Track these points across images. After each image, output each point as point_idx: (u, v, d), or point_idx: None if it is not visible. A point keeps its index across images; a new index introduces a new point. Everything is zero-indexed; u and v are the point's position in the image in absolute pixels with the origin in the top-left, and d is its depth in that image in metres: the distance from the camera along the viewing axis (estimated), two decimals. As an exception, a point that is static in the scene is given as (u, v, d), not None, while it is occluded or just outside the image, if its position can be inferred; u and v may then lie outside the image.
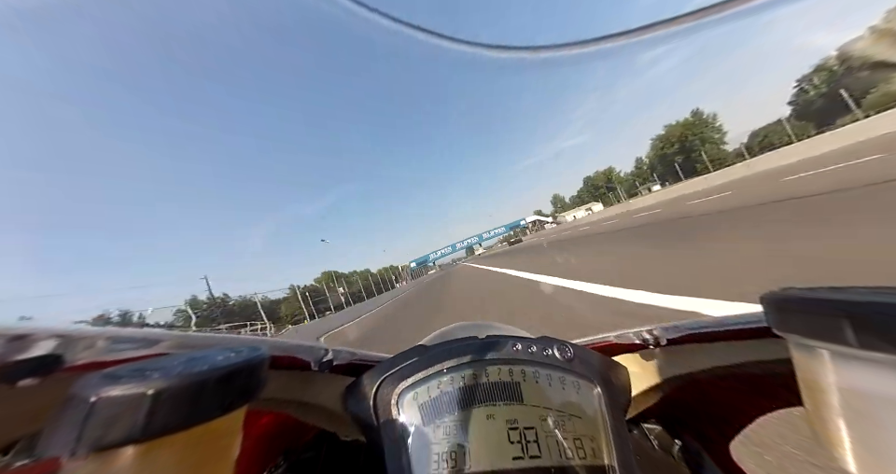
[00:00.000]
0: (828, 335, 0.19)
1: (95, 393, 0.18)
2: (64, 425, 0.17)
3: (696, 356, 0.45)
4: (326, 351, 0.46)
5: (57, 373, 0.24)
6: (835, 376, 0.20)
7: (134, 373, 0.20)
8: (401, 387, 0.43)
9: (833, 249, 3.22)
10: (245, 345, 0.31)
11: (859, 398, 0.19)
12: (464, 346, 0.47)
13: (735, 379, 0.44)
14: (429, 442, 0.38)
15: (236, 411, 0.22)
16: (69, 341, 0.25)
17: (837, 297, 0.19)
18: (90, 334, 0.27)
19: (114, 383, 0.18)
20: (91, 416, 0.17)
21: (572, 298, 4.65)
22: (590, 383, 0.43)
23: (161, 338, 0.31)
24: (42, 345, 0.24)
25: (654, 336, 0.45)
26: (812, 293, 0.21)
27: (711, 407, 0.49)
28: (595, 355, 0.47)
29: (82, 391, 0.18)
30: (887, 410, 0.18)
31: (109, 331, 0.29)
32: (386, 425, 0.40)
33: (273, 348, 0.42)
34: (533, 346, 0.46)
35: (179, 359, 0.22)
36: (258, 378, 0.24)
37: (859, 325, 0.18)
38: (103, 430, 0.17)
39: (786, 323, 0.22)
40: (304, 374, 0.44)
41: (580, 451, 0.37)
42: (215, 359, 0.22)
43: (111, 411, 0.17)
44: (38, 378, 0.23)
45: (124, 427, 0.17)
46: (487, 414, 0.40)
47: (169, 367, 0.20)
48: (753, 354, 0.40)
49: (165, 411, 0.18)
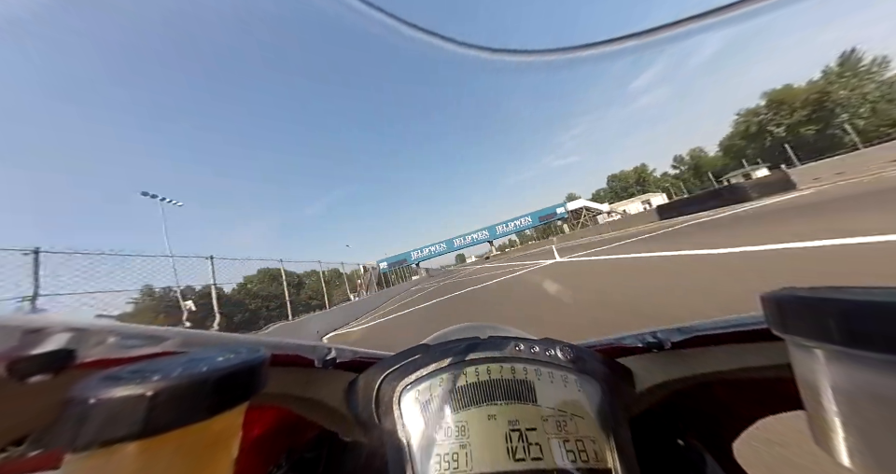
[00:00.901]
0: (827, 336, 0.19)
1: (98, 391, 0.18)
2: (70, 420, 0.18)
3: (699, 358, 0.45)
4: (328, 349, 0.47)
5: (69, 369, 0.25)
6: (835, 377, 0.20)
7: (136, 373, 0.20)
8: (403, 385, 0.43)
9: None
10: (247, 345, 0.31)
11: (859, 399, 0.19)
12: (466, 346, 0.47)
13: (737, 380, 0.44)
14: (431, 442, 0.38)
15: (237, 410, 0.22)
16: (81, 335, 0.26)
17: (836, 297, 0.19)
18: (100, 329, 0.28)
19: (116, 381, 0.19)
20: (94, 412, 0.18)
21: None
22: (593, 384, 0.43)
23: (167, 335, 0.32)
24: (55, 339, 0.24)
25: (658, 339, 0.45)
26: (811, 293, 0.21)
27: (714, 408, 0.49)
28: (597, 356, 0.47)
29: (85, 389, 0.19)
30: (887, 410, 0.18)
31: (118, 326, 0.29)
32: (388, 422, 0.41)
33: (274, 347, 0.42)
34: (535, 347, 0.46)
35: (181, 359, 0.23)
36: (258, 377, 0.24)
37: (858, 325, 0.18)
38: (105, 426, 0.18)
39: (785, 324, 0.22)
40: (307, 371, 0.45)
41: (582, 452, 0.37)
42: (215, 359, 0.23)
43: (114, 408, 0.18)
44: (52, 372, 0.24)
45: (126, 424, 0.18)
46: (489, 414, 0.40)
47: (170, 366, 0.21)
48: (755, 355, 0.39)
49: (166, 409, 0.19)
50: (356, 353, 0.50)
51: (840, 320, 0.18)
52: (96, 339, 0.27)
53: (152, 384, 0.19)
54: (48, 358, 0.24)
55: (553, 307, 4.64)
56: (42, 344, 0.24)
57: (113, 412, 0.18)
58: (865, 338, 0.18)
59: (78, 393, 0.18)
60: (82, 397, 0.18)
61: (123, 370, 0.21)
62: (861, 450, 0.19)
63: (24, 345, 0.23)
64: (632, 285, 4.68)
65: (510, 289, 8.04)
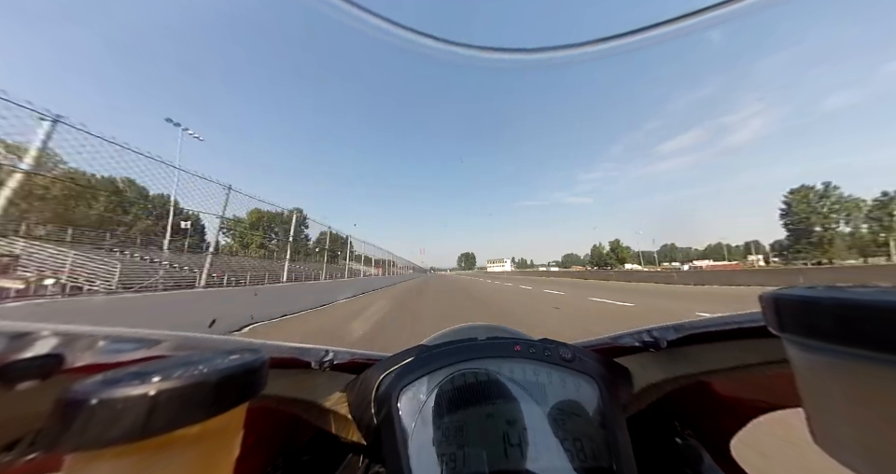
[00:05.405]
0: (825, 334, 0.19)
1: (96, 392, 0.18)
2: (66, 422, 0.18)
3: (696, 357, 0.45)
4: (326, 351, 0.47)
5: (59, 373, 0.24)
6: (832, 375, 0.20)
7: (135, 375, 0.20)
8: (401, 385, 0.43)
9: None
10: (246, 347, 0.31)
11: (856, 398, 0.19)
12: (465, 346, 0.47)
13: (734, 379, 0.44)
14: (429, 442, 0.38)
15: (236, 411, 0.22)
16: (71, 340, 0.26)
17: (834, 296, 0.19)
18: (91, 334, 0.27)
19: (114, 383, 0.19)
20: (92, 414, 0.18)
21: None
22: (590, 383, 0.43)
23: (161, 339, 0.32)
24: (44, 344, 0.24)
25: (654, 338, 0.45)
26: (809, 292, 0.21)
27: (711, 406, 0.49)
28: (595, 356, 0.47)
29: (83, 391, 0.19)
30: (885, 409, 0.18)
31: (110, 331, 0.29)
32: (386, 422, 0.41)
33: (273, 350, 0.42)
34: (533, 347, 0.46)
35: (179, 361, 0.23)
36: (257, 379, 0.24)
37: (856, 324, 0.18)
38: (103, 428, 0.17)
39: (784, 323, 0.22)
40: (305, 373, 0.45)
41: (580, 451, 0.37)
42: (214, 360, 0.23)
43: (111, 410, 0.18)
44: (41, 377, 0.24)
45: (124, 426, 0.18)
46: (487, 413, 0.40)
47: (169, 368, 0.21)
48: (752, 354, 0.40)
49: (165, 410, 0.19)
50: (353, 354, 0.50)
51: (838, 319, 0.19)
52: (85, 343, 0.26)
53: (153, 385, 0.19)
54: (35, 363, 0.23)
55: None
56: (29, 349, 0.23)
57: (115, 413, 0.18)
58: (863, 336, 0.18)
59: (79, 394, 0.18)
60: (83, 398, 0.18)
61: (123, 372, 0.21)
62: (860, 448, 0.19)
63: (10, 350, 0.23)
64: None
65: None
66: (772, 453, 1.63)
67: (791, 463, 1.59)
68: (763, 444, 1.63)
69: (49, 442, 0.17)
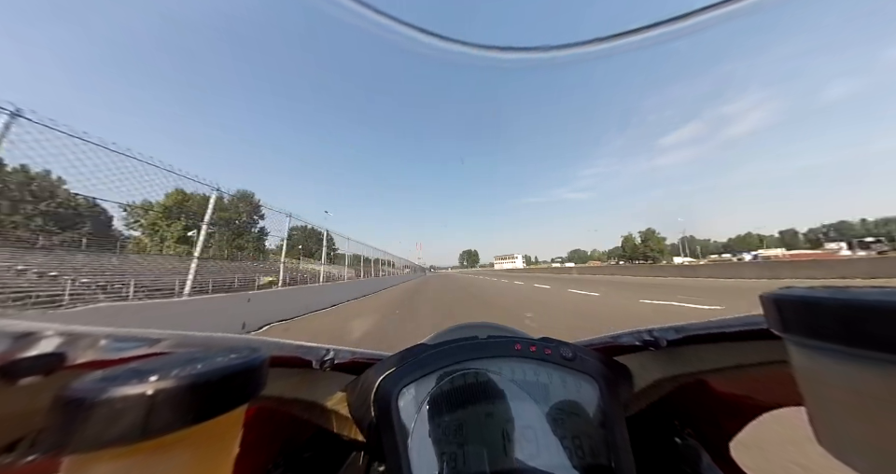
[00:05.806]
0: (826, 335, 0.19)
1: (95, 392, 0.18)
2: (65, 423, 0.17)
3: (697, 357, 0.45)
4: (327, 350, 0.47)
5: (59, 372, 0.24)
6: (834, 375, 0.20)
7: (134, 373, 0.20)
8: (402, 385, 0.43)
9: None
10: (246, 346, 0.31)
11: (858, 398, 0.19)
12: (465, 346, 0.47)
13: (734, 379, 0.44)
14: (429, 441, 0.38)
15: (236, 410, 0.22)
16: (72, 339, 0.26)
17: (835, 296, 0.19)
18: (92, 333, 0.27)
19: (114, 382, 0.19)
20: (91, 415, 0.17)
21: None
22: (590, 383, 0.43)
23: (161, 337, 0.31)
24: (45, 343, 0.24)
25: (655, 337, 0.45)
26: (810, 293, 0.21)
27: (711, 406, 0.49)
28: (595, 355, 0.47)
29: (82, 390, 0.18)
30: (886, 409, 0.18)
31: (111, 331, 0.29)
32: (386, 422, 0.41)
33: (274, 348, 0.42)
34: (533, 346, 0.46)
35: (179, 359, 0.23)
36: (258, 379, 0.24)
37: (857, 324, 0.18)
38: (102, 429, 0.17)
39: (785, 323, 0.22)
40: (306, 372, 0.45)
41: (579, 450, 0.37)
42: (215, 359, 0.23)
43: (111, 410, 0.18)
44: (41, 376, 0.24)
45: (124, 426, 0.17)
46: (487, 412, 0.40)
47: (169, 367, 0.21)
48: (753, 354, 0.40)
49: (165, 411, 0.18)
50: (354, 353, 0.50)
51: (840, 319, 0.19)
52: (87, 342, 0.26)
53: (152, 385, 0.19)
54: (37, 362, 0.23)
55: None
56: (31, 348, 0.23)
57: (113, 414, 0.17)
58: (866, 337, 0.18)
59: (77, 394, 0.18)
60: (81, 399, 0.18)
61: (121, 371, 0.20)
62: (863, 448, 0.19)
63: (12, 349, 0.23)
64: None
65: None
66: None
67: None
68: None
69: (49, 444, 0.17)
